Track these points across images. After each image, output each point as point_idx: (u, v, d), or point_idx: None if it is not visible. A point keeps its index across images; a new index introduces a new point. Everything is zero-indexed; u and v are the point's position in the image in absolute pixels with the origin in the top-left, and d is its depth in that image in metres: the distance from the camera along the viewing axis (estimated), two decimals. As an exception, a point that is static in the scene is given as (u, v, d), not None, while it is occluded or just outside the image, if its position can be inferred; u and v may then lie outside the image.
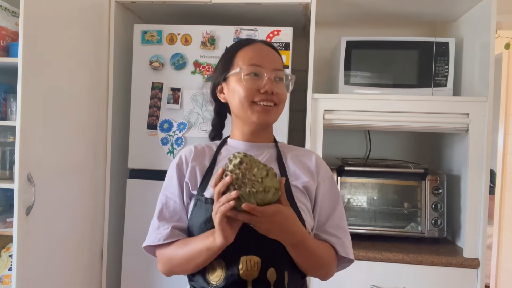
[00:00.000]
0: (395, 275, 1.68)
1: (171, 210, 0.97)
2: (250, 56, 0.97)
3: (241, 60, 0.97)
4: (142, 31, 1.86)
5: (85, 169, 1.80)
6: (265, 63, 0.96)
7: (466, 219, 1.69)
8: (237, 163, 0.79)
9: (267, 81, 0.93)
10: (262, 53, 0.98)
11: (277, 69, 0.96)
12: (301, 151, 1.06)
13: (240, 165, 0.78)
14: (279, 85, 0.97)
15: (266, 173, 0.78)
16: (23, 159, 1.39)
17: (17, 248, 1.38)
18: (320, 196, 0.97)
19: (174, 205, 0.98)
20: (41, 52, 1.48)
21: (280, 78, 0.98)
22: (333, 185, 1.01)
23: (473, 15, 1.85)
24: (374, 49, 1.85)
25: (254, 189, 0.76)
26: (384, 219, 1.90)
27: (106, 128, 1.93)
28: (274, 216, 0.78)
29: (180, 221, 0.96)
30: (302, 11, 1.90)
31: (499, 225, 3.23)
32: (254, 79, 0.94)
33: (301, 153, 1.04)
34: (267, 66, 0.95)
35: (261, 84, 0.93)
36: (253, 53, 0.97)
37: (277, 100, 0.95)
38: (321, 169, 1.01)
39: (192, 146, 1.04)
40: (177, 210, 0.97)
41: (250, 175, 0.77)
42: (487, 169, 1.66)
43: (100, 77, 1.89)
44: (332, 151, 2.16)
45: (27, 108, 1.40)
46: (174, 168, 1.00)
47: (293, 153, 1.03)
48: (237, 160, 0.79)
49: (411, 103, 1.71)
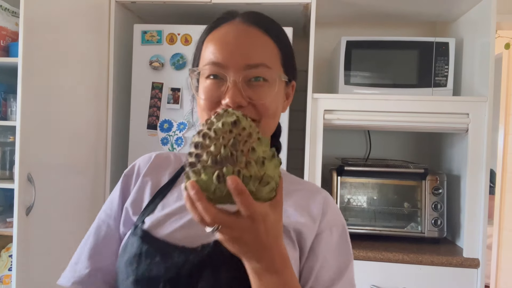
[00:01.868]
0: (395, 275, 1.68)
1: (100, 239, 0.71)
2: (213, 47, 0.64)
3: (205, 52, 0.66)
4: (142, 31, 1.86)
5: (85, 169, 1.80)
6: (232, 57, 0.62)
7: (466, 219, 1.69)
8: (230, 122, 0.49)
9: (230, 88, 0.61)
10: (231, 40, 0.64)
11: (250, 66, 0.62)
12: (303, 184, 0.75)
13: (234, 126, 0.49)
14: (258, 90, 0.63)
15: (272, 154, 0.51)
16: (23, 159, 1.39)
17: (17, 248, 1.39)
18: (322, 248, 0.67)
19: (107, 231, 0.72)
20: (41, 52, 1.48)
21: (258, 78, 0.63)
22: (343, 238, 0.71)
23: (473, 15, 1.85)
24: (374, 49, 1.85)
25: (248, 173, 0.47)
26: (384, 219, 1.90)
27: (106, 128, 1.93)
28: (260, 222, 0.49)
29: (107, 259, 0.70)
30: (302, 11, 1.90)
31: (499, 225, 3.23)
32: (217, 85, 0.63)
33: (303, 188, 0.74)
34: (235, 62, 0.62)
35: (223, 92, 0.63)
36: (217, 42, 0.64)
37: (253, 114, 0.63)
38: (329, 213, 0.70)
39: (154, 153, 0.78)
40: (109, 239, 0.71)
41: (247, 148, 0.48)
42: (487, 169, 1.66)
43: (100, 77, 1.89)
44: (332, 151, 2.16)
45: (27, 108, 1.40)
46: (121, 179, 0.76)
47: (291, 187, 0.72)
48: (232, 118, 0.50)
49: (411, 103, 1.71)
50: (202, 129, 0.50)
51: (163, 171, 0.75)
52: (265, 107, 0.64)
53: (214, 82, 0.64)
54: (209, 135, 0.49)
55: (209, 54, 0.64)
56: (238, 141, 0.48)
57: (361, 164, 1.93)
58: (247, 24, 0.66)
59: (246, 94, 0.62)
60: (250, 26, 0.65)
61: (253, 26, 0.66)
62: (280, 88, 0.67)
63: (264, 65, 0.63)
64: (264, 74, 0.63)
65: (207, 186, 0.47)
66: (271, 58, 0.65)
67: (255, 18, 0.67)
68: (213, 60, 0.63)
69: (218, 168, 0.46)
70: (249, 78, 0.63)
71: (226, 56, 0.63)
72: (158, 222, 0.66)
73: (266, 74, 0.64)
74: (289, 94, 0.73)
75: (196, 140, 0.49)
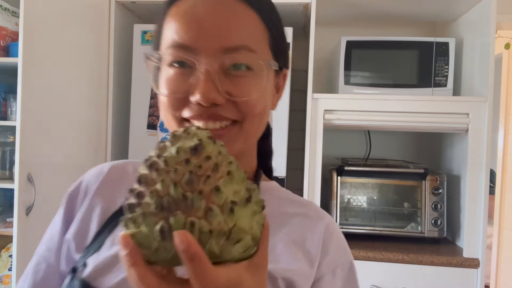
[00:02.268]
0: (395, 275, 1.68)
1: (37, 281, 0.55)
2: (177, 24, 0.48)
3: (167, 31, 0.49)
4: (142, 31, 1.86)
5: (85, 169, 1.79)
6: (203, 37, 0.46)
7: (466, 219, 1.69)
8: (188, 147, 0.34)
9: (202, 80, 0.45)
10: (201, 14, 0.47)
11: (231, 48, 0.46)
12: (298, 205, 0.57)
13: (194, 154, 0.34)
14: (240, 81, 0.47)
15: (248, 196, 0.35)
16: (23, 159, 1.39)
17: (17, 248, 1.38)
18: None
19: (47, 270, 0.55)
20: (41, 52, 1.48)
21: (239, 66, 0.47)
22: (351, 282, 0.55)
23: (473, 15, 1.85)
24: (374, 49, 1.85)
25: (208, 226, 0.32)
26: (384, 219, 1.90)
27: (106, 128, 1.93)
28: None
29: None
30: (302, 11, 1.90)
31: (499, 225, 3.23)
32: (183, 75, 0.47)
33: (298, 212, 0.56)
34: (207, 44, 0.46)
35: (192, 86, 0.47)
36: (182, 17, 0.48)
37: (231, 114, 0.48)
38: (331, 249, 0.54)
39: (108, 164, 0.60)
40: (49, 280, 0.55)
41: (209, 188, 0.33)
42: (487, 169, 1.66)
43: (100, 77, 1.89)
44: (332, 151, 2.16)
45: (27, 108, 1.40)
46: (63, 200, 0.59)
47: (282, 209, 0.55)
48: (192, 142, 0.35)
49: (411, 103, 1.71)
50: (151, 156, 0.35)
51: (118, 190, 0.55)
52: (249, 105, 0.48)
53: (179, 71, 0.47)
54: (158, 165, 0.34)
55: (172, 34, 0.47)
56: (197, 177, 0.33)
57: (361, 164, 1.93)
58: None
59: (223, 88, 0.46)
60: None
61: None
62: (269, 78, 0.51)
63: (247, 48, 0.47)
64: (247, 60, 0.47)
65: (147, 242, 0.32)
66: (256, 39, 0.49)
67: None
68: (177, 41, 0.47)
69: (163, 216, 0.32)
70: (227, 66, 0.47)
71: (195, 36, 0.46)
72: (103, 266, 0.49)
73: (250, 59, 0.47)
74: (279, 87, 0.56)
75: (141, 172, 0.34)
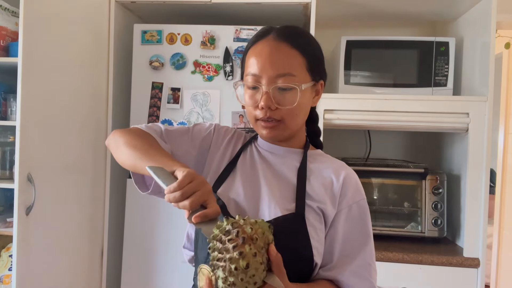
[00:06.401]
0: (395, 275, 1.68)
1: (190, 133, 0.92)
2: (251, 62, 0.82)
3: (246, 66, 0.84)
4: (142, 31, 1.86)
5: (85, 169, 1.80)
6: (265, 70, 0.80)
7: (466, 219, 1.69)
8: (226, 239, 0.62)
9: (263, 96, 0.79)
10: (264, 56, 0.80)
11: (278, 76, 0.79)
12: (331, 163, 0.89)
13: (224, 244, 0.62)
14: (284, 96, 0.80)
15: None
16: (23, 159, 1.39)
17: (17, 248, 1.39)
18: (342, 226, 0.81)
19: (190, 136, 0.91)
20: (41, 52, 1.48)
21: (284, 89, 0.80)
22: (363, 215, 0.83)
23: (473, 15, 1.85)
24: (374, 48, 1.84)
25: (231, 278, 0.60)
26: (384, 218, 1.90)
27: (106, 128, 1.93)
28: None
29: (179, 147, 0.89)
30: (302, 11, 1.90)
31: (499, 225, 3.23)
32: (254, 94, 0.82)
33: (330, 167, 0.86)
34: (266, 74, 0.79)
35: (259, 100, 0.80)
36: (253, 57, 0.82)
37: (279, 116, 0.80)
38: (349, 192, 0.83)
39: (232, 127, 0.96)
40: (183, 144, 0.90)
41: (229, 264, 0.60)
42: (487, 168, 1.66)
43: (100, 77, 1.89)
44: (332, 151, 2.14)
45: (27, 108, 1.40)
46: (212, 128, 0.94)
47: (321, 165, 0.86)
48: (227, 236, 0.62)
49: (411, 103, 1.71)
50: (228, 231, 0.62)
51: (235, 145, 0.93)
52: (288, 110, 0.80)
53: (253, 92, 0.82)
54: None
55: (249, 67, 0.82)
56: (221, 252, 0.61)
57: (361, 164, 1.93)
58: (278, 39, 0.81)
59: (276, 100, 0.80)
60: (280, 41, 0.81)
61: (283, 41, 0.81)
62: (306, 90, 0.82)
63: (290, 74, 0.79)
64: (289, 82, 0.79)
65: None
66: (297, 67, 0.80)
67: (285, 34, 0.82)
68: (252, 71, 0.81)
69: None
70: (278, 86, 0.79)
71: (262, 68, 0.80)
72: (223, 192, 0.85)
73: (291, 81, 0.79)
74: (318, 91, 0.88)
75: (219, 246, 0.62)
